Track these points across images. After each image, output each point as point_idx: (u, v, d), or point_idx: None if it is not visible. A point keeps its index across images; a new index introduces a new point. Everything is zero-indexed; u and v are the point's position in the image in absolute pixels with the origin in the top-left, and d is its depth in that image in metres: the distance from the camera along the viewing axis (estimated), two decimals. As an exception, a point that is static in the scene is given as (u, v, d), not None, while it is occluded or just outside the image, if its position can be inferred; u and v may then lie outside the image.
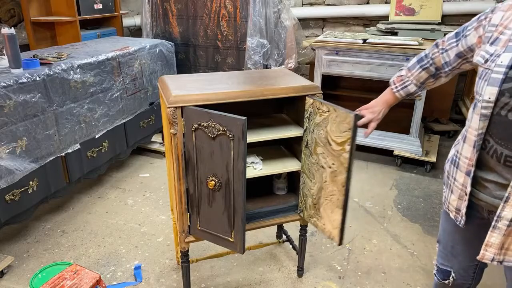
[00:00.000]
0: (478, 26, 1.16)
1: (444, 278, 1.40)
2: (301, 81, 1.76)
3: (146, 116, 3.15)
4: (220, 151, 1.50)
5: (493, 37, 1.08)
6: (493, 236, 1.06)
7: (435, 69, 1.38)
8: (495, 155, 1.06)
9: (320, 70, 3.27)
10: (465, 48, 1.22)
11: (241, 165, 1.47)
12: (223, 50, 3.47)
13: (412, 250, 2.30)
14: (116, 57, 2.75)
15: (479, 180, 1.13)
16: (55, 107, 2.29)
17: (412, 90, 1.45)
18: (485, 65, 1.07)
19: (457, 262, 1.36)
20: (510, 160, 1.03)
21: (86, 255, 2.26)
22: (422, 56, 1.40)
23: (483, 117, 1.05)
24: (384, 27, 3.43)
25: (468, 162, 1.14)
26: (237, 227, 1.60)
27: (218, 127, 1.46)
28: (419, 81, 1.42)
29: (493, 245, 1.07)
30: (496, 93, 1.01)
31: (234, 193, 1.54)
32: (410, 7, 3.55)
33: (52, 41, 3.86)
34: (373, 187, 2.99)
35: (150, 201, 2.81)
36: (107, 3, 4.01)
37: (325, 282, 2.07)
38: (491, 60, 1.05)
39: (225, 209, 1.59)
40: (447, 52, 1.29)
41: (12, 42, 2.12)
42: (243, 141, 1.43)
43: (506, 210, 1.03)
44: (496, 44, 1.06)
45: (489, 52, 1.07)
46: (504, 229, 1.04)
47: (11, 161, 2.03)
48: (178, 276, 2.09)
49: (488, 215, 1.17)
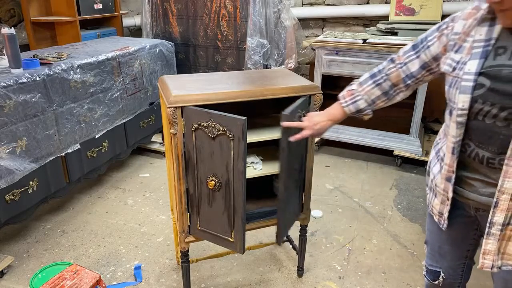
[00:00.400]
0: (440, 35, 1.17)
1: (434, 278, 1.41)
2: (301, 81, 1.76)
3: (146, 116, 3.15)
4: (220, 151, 1.50)
5: (457, 45, 1.11)
6: (489, 243, 1.07)
7: (390, 87, 1.31)
8: (477, 158, 1.07)
9: (320, 70, 3.27)
10: (429, 58, 1.21)
11: (241, 165, 1.47)
12: (223, 50, 3.47)
13: (412, 250, 2.30)
14: (116, 57, 2.74)
15: (465, 179, 1.14)
16: (55, 107, 2.29)
17: (361, 106, 1.35)
18: (453, 74, 1.09)
19: (445, 261, 1.36)
20: (492, 162, 1.04)
21: (86, 255, 2.26)
22: (375, 71, 1.33)
23: (459, 125, 1.07)
24: (384, 27, 3.43)
25: (448, 168, 1.14)
26: (237, 227, 1.60)
27: (218, 127, 1.46)
28: (370, 97, 1.34)
29: (490, 252, 1.07)
30: (469, 100, 1.03)
31: (234, 193, 1.54)
32: (410, 7, 3.55)
33: (52, 41, 3.86)
34: (373, 187, 2.99)
35: (150, 201, 2.81)
36: (107, 3, 4.01)
37: (325, 282, 2.07)
38: (459, 68, 1.08)
39: (225, 209, 1.59)
40: (406, 65, 1.26)
41: (12, 42, 2.12)
42: (243, 141, 1.44)
43: (497, 215, 1.03)
44: (461, 52, 1.09)
45: (455, 60, 1.10)
46: (498, 234, 1.05)
47: (11, 161, 2.03)
48: (178, 276, 2.09)
49: (475, 212, 1.18)
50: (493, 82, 1.00)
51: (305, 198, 1.88)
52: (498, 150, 1.02)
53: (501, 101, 0.99)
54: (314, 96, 1.68)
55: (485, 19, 1.06)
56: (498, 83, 1.00)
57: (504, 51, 1.01)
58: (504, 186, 1.00)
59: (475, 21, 1.07)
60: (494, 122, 1.01)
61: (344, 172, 3.23)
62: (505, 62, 1.00)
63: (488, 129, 1.03)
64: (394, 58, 1.30)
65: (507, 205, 1.01)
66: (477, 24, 1.07)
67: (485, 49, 1.04)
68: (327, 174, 3.19)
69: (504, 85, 0.99)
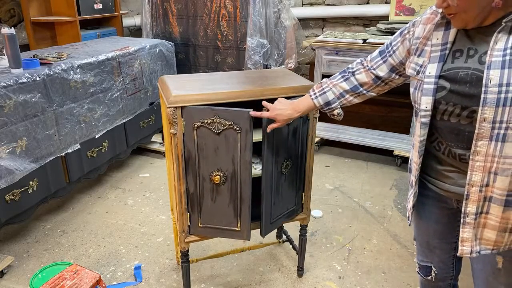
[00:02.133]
0: (403, 40, 1.22)
1: (427, 274, 1.45)
2: (301, 81, 1.76)
3: (146, 116, 3.15)
4: (226, 145, 1.55)
5: (419, 49, 1.16)
6: (465, 231, 1.12)
7: (359, 85, 1.36)
8: (451, 154, 1.14)
9: (320, 70, 3.27)
10: (397, 62, 1.26)
11: (248, 155, 1.55)
12: (223, 50, 3.47)
13: (412, 250, 2.30)
14: (116, 57, 2.75)
15: (442, 172, 1.19)
16: (55, 107, 2.29)
17: (330, 97, 1.39)
18: (417, 77, 1.15)
19: (435, 256, 1.40)
20: (464, 157, 1.10)
21: (86, 255, 2.26)
22: (345, 68, 1.40)
23: (423, 125, 1.14)
24: (384, 27, 3.43)
25: (415, 166, 1.22)
26: (244, 216, 1.66)
27: (224, 122, 1.51)
28: (338, 91, 1.38)
29: (468, 240, 1.12)
30: (431, 102, 1.10)
31: (241, 183, 1.61)
32: (410, 7, 3.55)
33: (52, 41, 3.86)
34: (373, 187, 2.99)
35: (150, 201, 2.81)
36: (107, 3, 4.01)
37: (325, 282, 2.07)
38: (421, 71, 1.14)
39: (230, 201, 1.64)
40: (375, 70, 1.32)
41: (12, 42, 2.12)
42: (250, 132, 1.52)
43: (470, 206, 1.09)
44: (423, 56, 1.14)
45: (419, 64, 1.15)
46: (473, 223, 1.10)
47: (11, 161, 2.03)
48: (178, 276, 2.09)
49: (457, 204, 1.23)
50: (452, 84, 1.07)
51: (305, 198, 1.88)
52: (466, 146, 1.08)
53: (461, 101, 1.05)
54: (314, 96, 1.68)
55: (441, 24, 1.12)
56: (456, 85, 1.06)
57: (460, 54, 1.07)
58: (473, 179, 1.06)
59: (433, 26, 1.13)
60: (459, 121, 1.08)
61: (344, 172, 3.23)
62: (461, 64, 1.06)
63: (454, 127, 1.09)
64: (363, 61, 1.37)
65: (477, 196, 1.07)
66: (434, 28, 1.12)
67: (443, 52, 1.10)
68: (327, 174, 3.19)
69: (462, 86, 1.05)
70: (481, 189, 1.06)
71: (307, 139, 1.74)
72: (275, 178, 1.69)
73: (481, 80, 1.00)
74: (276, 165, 1.66)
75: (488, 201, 1.07)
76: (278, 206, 1.76)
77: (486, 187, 1.06)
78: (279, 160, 1.67)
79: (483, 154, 1.03)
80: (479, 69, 1.02)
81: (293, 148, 1.71)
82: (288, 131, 1.65)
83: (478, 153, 1.04)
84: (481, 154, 1.03)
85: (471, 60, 1.05)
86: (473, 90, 1.03)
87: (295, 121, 1.65)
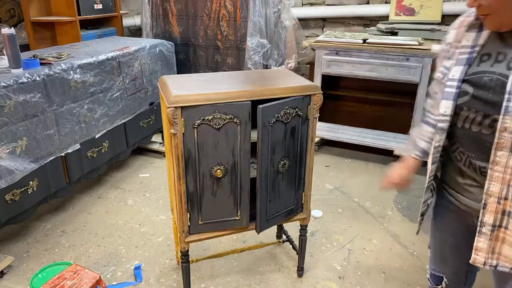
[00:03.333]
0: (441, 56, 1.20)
1: (437, 283, 1.41)
2: (301, 81, 1.76)
3: (146, 116, 3.15)
4: (226, 139, 1.59)
5: (450, 53, 1.12)
6: (480, 241, 1.08)
7: None
8: (471, 166, 1.09)
9: (320, 70, 3.27)
10: None
11: (248, 145, 1.61)
12: (223, 50, 3.47)
13: (412, 250, 2.30)
14: (116, 57, 2.74)
15: (463, 186, 1.15)
16: (55, 107, 2.29)
17: (421, 145, 1.32)
18: (442, 80, 1.11)
19: (448, 267, 1.36)
20: (485, 171, 1.04)
21: (86, 255, 2.26)
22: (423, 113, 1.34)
23: (441, 131, 1.09)
24: (384, 27, 3.43)
25: (428, 172, 1.19)
26: (244, 204, 1.71)
27: (225, 117, 1.54)
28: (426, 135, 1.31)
29: (482, 250, 1.08)
30: (451, 106, 1.04)
31: (240, 172, 1.65)
32: (410, 7, 3.55)
33: (52, 41, 3.85)
34: (373, 187, 2.99)
35: (150, 201, 2.81)
36: (107, 3, 4.01)
37: (325, 282, 2.07)
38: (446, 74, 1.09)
39: (230, 192, 1.68)
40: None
41: (12, 42, 2.12)
42: (249, 122, 1.57)
43: (487, 216, 1.05)
44: (452, 58, 1.10)
45: (446, 67, 1.11)
46: (489, 234, 1.06)
47: (11, 161, 2.03)
48: (178, 276, 2.09)
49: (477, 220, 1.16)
50: (475, 90, 1.01)
51: (305, 198, 1.88)
52: (487, 158, 1.02)
53: (483, 108, 1.00)
54: (314, 96, 1.68)
55: (473, 25, 1.06)
56: (480, 90, 1.00)
57: (488, 57, 1.01)
58: (490, 189, 1.02)
59: (465, 28, 1.08)
60: (480, 130, 1.02)
61: (344, 172, 3.23)
62: (487, 68, 1.00)
63: (476, 137, 1.04)
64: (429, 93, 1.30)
65: (495, 207, 1.03)
66: (467, 29, 1.07)
67: (470, 55, 1.04)
68: (327, 174, 3.19)
69: (485, 92, 0.99)
70: (499, 201, 1.02)
71: (307, 139, 1.74)
72: (271, 176, 1.70)
73: (505, 86, 0.94)
74: (272, 163, 1.67)
75: (507, 215, 1.03)
76: (274, 204, 1.76)
77: (505, 200, 1.01)
78: (276, 159, 1.68)
79: (503, 165, 0.98)
80: (505, 74, 0.96)
81: (291, 148, 1.71)
82: (285, 130, 1.66)
83: (498, 163, 0.99)
84: (500, 164, 0.98)
85: (499, 65, 0.99)
86: (496, 97, 0.97)
87: (293, 121, 1.66)
